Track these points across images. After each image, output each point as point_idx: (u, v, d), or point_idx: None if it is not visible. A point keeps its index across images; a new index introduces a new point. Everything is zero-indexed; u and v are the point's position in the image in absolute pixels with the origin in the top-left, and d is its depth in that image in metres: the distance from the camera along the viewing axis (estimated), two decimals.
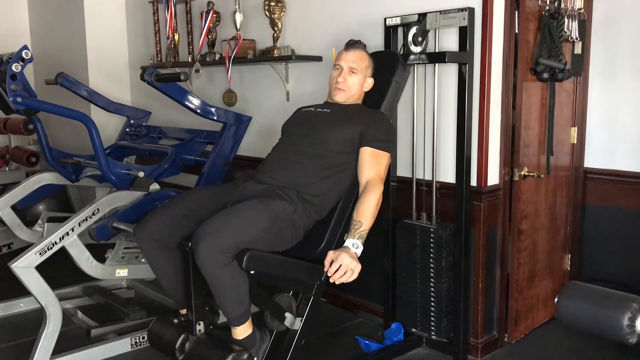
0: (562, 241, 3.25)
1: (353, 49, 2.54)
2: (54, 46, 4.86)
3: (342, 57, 2.53)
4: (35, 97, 2.86)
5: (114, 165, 3.01)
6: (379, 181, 2.33)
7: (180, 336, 2.23)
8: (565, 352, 2.90)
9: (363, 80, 2.53)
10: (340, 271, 2.11)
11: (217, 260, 2.01)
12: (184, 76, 2.76)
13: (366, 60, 2.54)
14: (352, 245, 2.16)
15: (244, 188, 2.38)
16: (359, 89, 2.53)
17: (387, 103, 2.62)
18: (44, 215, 3.63)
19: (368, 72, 2.55)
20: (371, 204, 2.25)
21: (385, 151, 2.39)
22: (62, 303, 2.92)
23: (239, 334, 2.17)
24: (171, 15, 3.89)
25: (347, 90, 2.50)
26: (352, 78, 2.50)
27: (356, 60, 2.50)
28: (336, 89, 2.51)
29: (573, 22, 2.87)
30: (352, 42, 2.57)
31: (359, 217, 2.21)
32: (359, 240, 2.17)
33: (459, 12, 2.60)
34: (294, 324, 2.34)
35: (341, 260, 2.10)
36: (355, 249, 2.17)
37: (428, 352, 2.91)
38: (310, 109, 2.60)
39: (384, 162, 2.38)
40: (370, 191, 2.28)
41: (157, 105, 4.03)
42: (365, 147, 2.37)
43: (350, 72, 2.49)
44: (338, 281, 2.13)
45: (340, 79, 2.49)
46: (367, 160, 2.36)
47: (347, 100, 2.52)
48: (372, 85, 2.58)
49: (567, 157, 3.18)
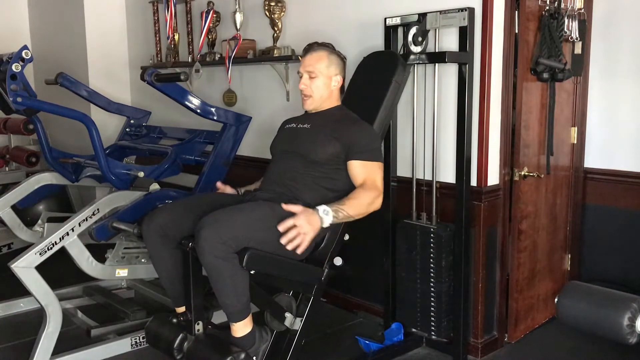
0: (562, 241, 3.25)
1: (309, 53, 2.51)
2: (54, 46, 4.86)
3: (301, 64, 2.51)
4: (35, 97, 2.86)
5: (114, 165, 3.01)
6: (373, 187, 2.32)
7: (179, 335, 2.23)
8: (565, 352, 2.90)
9: (327, 80, 2.48)
10: (291, 232, 2.11)
11: (217, 250, 2.01)
12: (184, 76, 2.76)
13: (324, 59, 2.47)
14: (322, 211, 2.17)
15: (254, 197, 2.40)
16: (325, 90, 2.48)
17: (387, 103, 2.61)
18: (44, 215, 3.64)
19: (331, 70, 2.48)
20: (360, 198, 2.26)
21: (374, 161, 2.37)
22: (62, 303, 2.92)
23: (238, 330, 2.16)
24: (171, 15, 3.89)
25: (312, 95, 2.47)
26: (314, 82, 2.46)
27: (312, 63, 2.46)
28: (303, 97, 2.50)
29: (573, 22, 2.87)
30: (307, 47, 2.55)
31: (346, 200, 2.24)
32: (331, 212, 2.18)
33: (459, 12, 2.59)
34: (294, 324, 2.34)
35: (297, 220, 2.12)
36: (323, 215, 2.16)
37: (428, 352, 2.90)
38: (292, 125, 2.58)
39: (374, 170, 2.36)
40: (368, 190, 2.30)
41: (157, 105, 4.03)
42: (352, 162, 2.36)
43: (310, 77, 2.47)
44: (288, 244, 2.13)
45: (302, 86, 2.48)
46: (357, 172, 2.36)
47: (318, 106, 2.50)
48: (341, 82, 2.53)
49: (567, 157, 3.18)
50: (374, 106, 2.59)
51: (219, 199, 2.40)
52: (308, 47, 2.54)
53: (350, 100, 2.63)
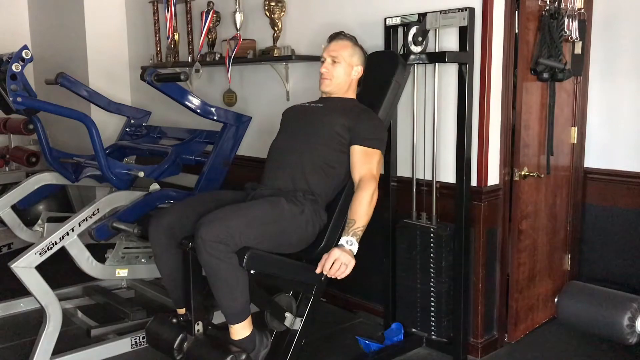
0: (562, 241, 3.25)
1: (335, 40, 2.58)
2: (54, 46, 4.86)
3: (325, 50, 2.57)
4: (35, 97, 2.86)
5: (114, 165, 3.01)
6: (371, 178, 2.33)
7: (179, 336, 2.23)
8: (565, 352, 2.90)
9: (349, 68, 2.54)
10: (334, 266, 2.16)
11: (215, 249, 2.01)
12: (184, 76, 2.76)
13: (349, 48, 2.55)
14: (346, 243, 2.19)
15: (255, 195, 2.41)
16: (345, 78, 2.54)
17: (387, 103, 2.62)
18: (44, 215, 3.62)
19: (354, 60, 2.55)
20: (363, 201, 2.26)
21: (375, 149, 2.39)
22: (62, 303, 2.92)
23: (236, 333, 2.16)
24: (171, 15, 3.89)
25: (332, 79, 2.52)
26: (336, 67, 2.52)
27: (337, 49, 2.53)
28: (321, 79, 2.55)
29: (573, 22, 2.87)
30: (333, 35, 2.62)
31: (353, 216, 2.24)
32: (353, 238, 2.20)
33: (459, 12, 2.60)
34: (294, 324, 2.34)
35: (333, 256, 2.16)
36: (350, 246, 2.19)
37: (428, 352, 2.90)
38: (305, 104, 2.65)
39: (375, 160, 2.38)
40: (363, 189, 2.30)
41: (157, 105, 4.03)
42: (355, 146, 2.39)
43: (333, 62, 2.52)
44: (333, 275, 2.19)
45: (324, 70, 2.53)
46: (358, 159, 2.38)
47: (335, 90, 2.54)
48: (361, 73, 2.59)
49: (567, 157, 3.18)
50: (374, 106, 2.59)
51: (223, 199, 2.40)
52: (334, 35, 2.61)
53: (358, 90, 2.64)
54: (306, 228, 2.29)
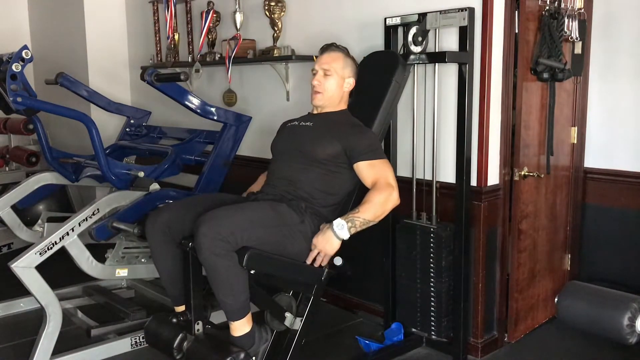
0: (562, 241, 3.25)
1: (326, 51, 2.55)
2: (54, 46, 4.86)
3: (316, 61, 2.54)
4: (35, 97, 2.86)
5: (114, 165, 3.01)
6: (387, 185, 2.31)
7: (179, 335, 2.23)
8: (565, 352, 2.90)
9: (340, 81, 2.50)
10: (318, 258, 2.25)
11: (215, 247, 2.01)
12: (184, 76, 2.76)
13: (341, 60, 2.51)
14: (336, 224, 2.20)
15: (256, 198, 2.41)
16: (337, 91, 2.51)
17: (387, 103, 2.62)
18: (44, 215, 3.63)
19: (346, 72, 2.52)
20: (374, 200, 2.27)
21: (379, 159, 2.38)
22: (62, 303, 2.92)
23: (236, 329, 2.16)
24: (171, 15, 3.89)
25: (323, 93, 2.49)
26: (328, 80, 2.49)
27: (329, 62, 2.49)
28: (313, 93, 2.51)
29: (573, 22, 2.87)
30: (325, 46, 2.59)
31: (359, 207, 2.26)
32: (346, 223, 2.21)
33: (459, 12, 2.60)
34: (294, 324, 2.34)
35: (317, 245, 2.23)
36: (340, 229, 2.20)
37: (428, 352, 2.91)
38: (294, 123, 2.60)
39: (383, 168, 2.36)
40: (378, 190, 2.30)
41: (157, 105, 4.03)
42: (358, 163, 2.37)
43: (325, 75, 2.49)
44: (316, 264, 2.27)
45: (315, 82, 2.49)
46: (366, 173, 2.36)
47: (326, 103, 2.51)
48: (353, 85, 2.55)
49: (567, 157, 3.18)
50: (374, 106, 2.60)
51: (221, 199, 2.41)
52: (326, 47, 2.58)
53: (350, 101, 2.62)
54: (305, 240, 2.28)
